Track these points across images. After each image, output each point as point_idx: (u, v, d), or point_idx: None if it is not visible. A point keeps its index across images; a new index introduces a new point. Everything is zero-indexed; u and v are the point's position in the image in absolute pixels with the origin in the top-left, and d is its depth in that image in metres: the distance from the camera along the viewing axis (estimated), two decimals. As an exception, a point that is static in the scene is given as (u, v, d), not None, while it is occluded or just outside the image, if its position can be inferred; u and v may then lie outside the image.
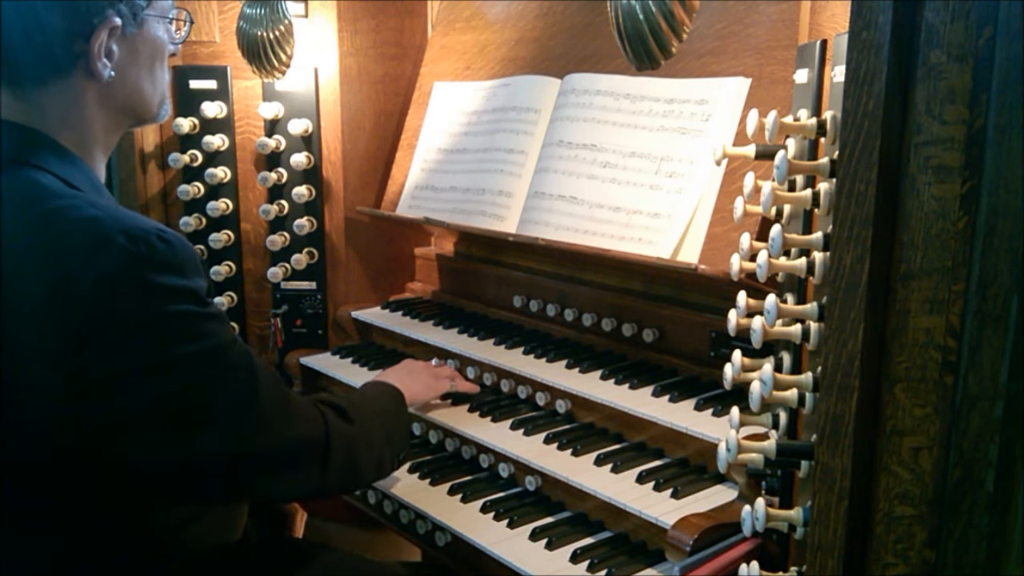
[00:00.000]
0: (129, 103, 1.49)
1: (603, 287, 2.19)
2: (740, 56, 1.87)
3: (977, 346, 0.92)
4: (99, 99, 1.44)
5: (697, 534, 1.52)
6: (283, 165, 2.60)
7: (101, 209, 1.31)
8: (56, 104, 1.40)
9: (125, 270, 1.25)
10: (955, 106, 0.91)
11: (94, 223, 1.27)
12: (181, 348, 1.30)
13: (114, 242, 1.25)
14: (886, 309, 0.97)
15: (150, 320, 1.28)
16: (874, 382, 0.98)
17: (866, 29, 0.94)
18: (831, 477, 1.02)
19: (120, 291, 1.25)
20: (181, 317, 1.30)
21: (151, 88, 1.52)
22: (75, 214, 1.29)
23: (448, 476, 2.00)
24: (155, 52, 1.52)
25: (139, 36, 1.47)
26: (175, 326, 1.30)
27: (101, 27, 1.38)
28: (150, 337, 1.28)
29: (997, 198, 0.89)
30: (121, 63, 1.44)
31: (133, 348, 1.27)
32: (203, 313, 1.33)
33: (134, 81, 1.48)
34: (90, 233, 1.26)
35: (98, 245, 1.25)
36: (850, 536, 1.01)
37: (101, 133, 1.47)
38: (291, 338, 2.67)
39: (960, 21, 0.89)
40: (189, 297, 1.31)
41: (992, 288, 0.90)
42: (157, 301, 1.28)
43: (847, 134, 0.97)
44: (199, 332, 1.32)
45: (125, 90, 1.47)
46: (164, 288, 1.28)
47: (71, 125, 1.42)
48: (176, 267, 1.29)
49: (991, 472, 0.92)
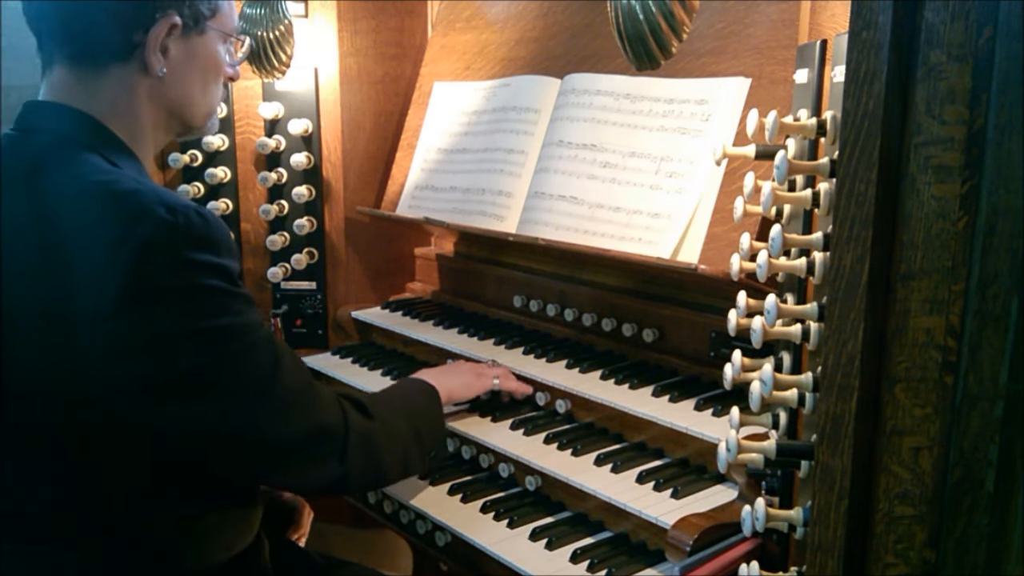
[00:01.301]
0: (178, 106, 1.54)
1: (603, 287, 2.19)
2: (740, 56, 1.87)
3: (977, 346, 0.92)
4: (150, 94, 1.49)
5: (697, 534, 1.52)
6: (283, 165, 2.60)
7: (142, 184, 1.36)
8: (109, 91, 1.45)
9: (164, 240, 1.29)
10: (955, 106, 0.91)
11: (136, 195, 1.32)
12: (209, 321, 1.33)
13: (155, 213, 1.29)
14: (886, 309, 0.97)
15: (183, 290, 1.31)
16: (874, 382, 0.98)
17: (866, 29, 0.94)
18: (831, 477, 1.02)
19: (157, 259, 1.29)
20: (212, 291, 1.33)
21: (201, 97, 1.57)
22: (118, 187, 1.34)
23: (448, 476, 2.00)
24: (211, 65, 1.56)
25: (198, 43, 1.52)
26: (205, 299, 1.33)
27: (162, 22, 1.44)
28: (181, 306, 1.31)
29: (997, 198, 0.89)
30: (175, 64, 1.49)
31: (164, 315, 1.30)
32: (233, 291, 1.36)
33: (185, 85, 1.53)
34: (132, 203, 1.31)
35: (140, 215, 1.29)
36: (850, 536, 1.01)
37: (150, 129, 1.52)
38: (291, 338, 2.67)
39: (960, 21, 0.89)
40: (221, 274, 1.35)
41: (992, 288, 0.90)
42: (191, 272, 1.31)
43: (847, 134, 0.97)
44: (227, 308, 1.35)
45: (175, 92, 1.52)
46: (198, 262, 1.32)
47: (121, 114, 1.46)
48: (212, 244, 1.33)
49: (991, 472, 0.92)
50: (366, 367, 2.43)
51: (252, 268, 2.67)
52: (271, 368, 1.41)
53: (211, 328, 1.33)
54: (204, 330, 1.33)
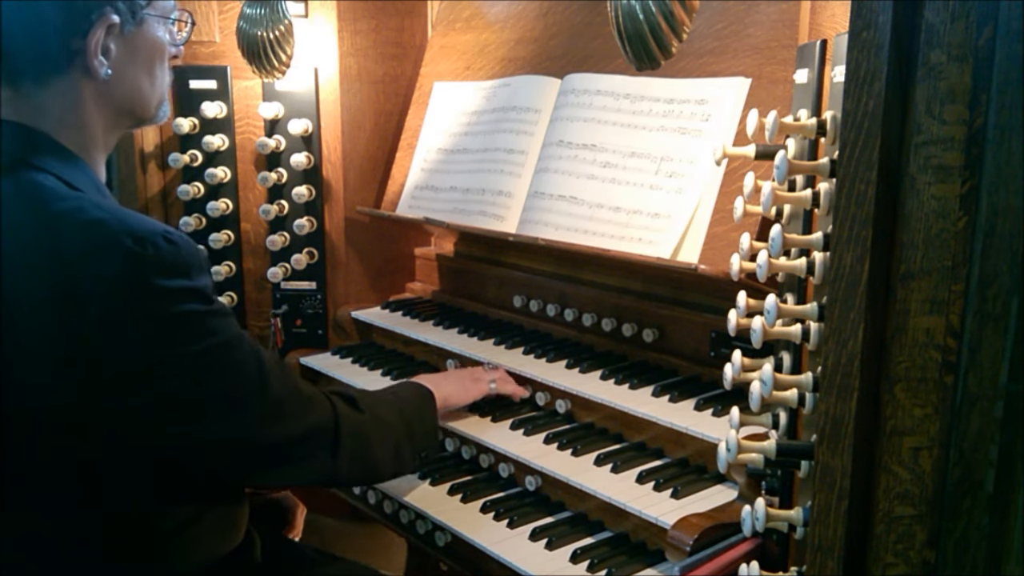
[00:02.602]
0: (127, 103, 1.49)
1: (603, 287, 2.19)
2: (740, 56, 1.87)
3: (977, 346, 0.92)
4: (97, 98, 1.44)
5: (697, 534, 1.52)
6: (283, 165, 2.59)
7: (106, 211, 1.32)
8: (55, 103, 1.41)
9: (133, 273, 1.26)
10: (955, 106, 0.91)
11: (100, 225, 1.28)
12: (188, 347, 1.32)
13: (121, 245, 1.26)
14: (886, 309, 0.97)
15: (157, 322, 1.29)
16: (874, 382, 0.98)
17: (866, 29, 0.94)
18: (831, 477, 1.02)
19: (127, 294, 1.27)
20: (187, 317, 1.32)
21: (150, 88, 1.52)
22: (81, 216, 1.30)
23: (448, 476, 2.00)
24: (154, 52, 1.51)
25: (138, 35, 1.47)
26: (182, 326, 1.32)
27: (98, 24, 1.39)
28: (158, 338, 1.30)
29: (997, 198, 0.89)
30: (119, 62, 1.44)
31: (141, 349, 1.29)
32: (208, 311, 1.35)
33: (132, 80, 1.48)
34: (96, 236, 1.27)
35: (105, 248, 1.26)
36: (850, 536, 1.01)
37: (100, 133, 1.48)
38: (291, 338, 2.67)
39: (960, 21, 0.89)
40: (194, 297, 1.33)
41: (992, 288, 0.90)
42: (164, 303, 1.29)
43: (847, 134, 0.97)
44: (206, 330, 1.34)
45: (123, 89, 1.47)
46: (170, 290, 1.29)
47: (70, 124, 1.42)
48: (182, 268, 1.31)
49: (991, 472, 0.92)
50: (366, 367, 2.43)
51: (252, 268, 2.67)
52: (258, 378, 1.42)
53: (193, 353, 1.33)
54: (186, 357, 1.32)
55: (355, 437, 1.60)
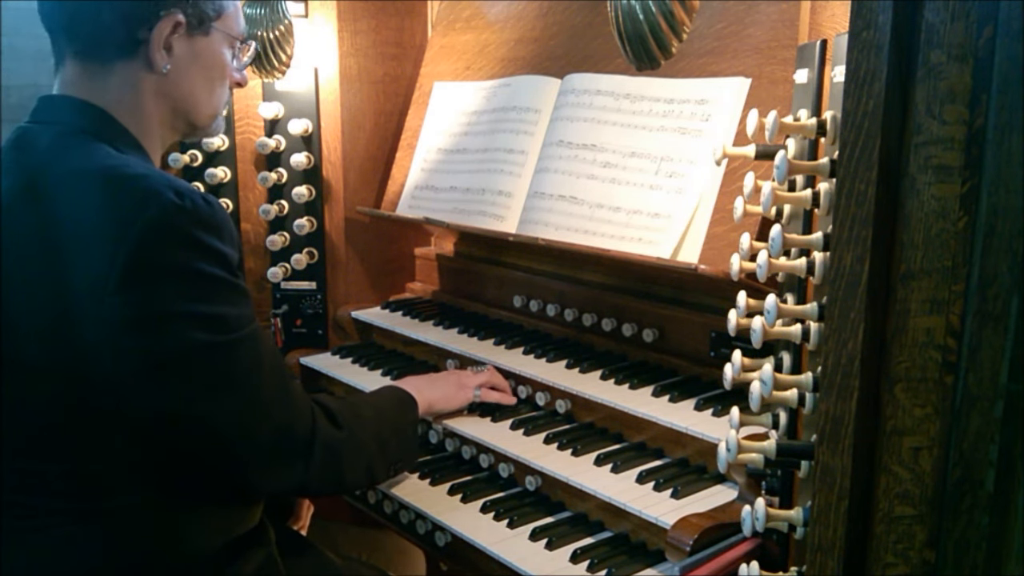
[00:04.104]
0: (183, 105, 1.58)
1: (603, 287, 2.19)
2: (740, 56, 1.87)
3: (977, 346, 0.92)
4: (156, 92, 1.53)
5: (697, 534, 1.52)
6: (283, 165, 2.60)
7: (152, 171, 1.42)
8: (116, 86, 1.50)
9: (170, 220, 1.34)
10: (955, 106, 0.91)
11: (145, 179, 1.37)
12: (203, 306, 1.36)
13: (163, 195, 1.34)
14: (886, 309, 0.97)
15: (183, 271, 1.35)
16: (874, 382, 0.98)
17: (866, 29, 0.94)
18: (831, 477, 1.02)
19: (162, 238, 1.33)
20: (211, 278, 1.37)
21: (207, 98, 1.61)
22: (128, 170, 1.39)
23: (448, 476, 2.00)
24: (216, 65, 1.61)
25: (203, 43, 1.57)
26: (203, 283, 1.37)
27: (165, 20, 1.49)
28: (179, 287, 1.35)
29: (997, 198, 0.89)
30: (180, 62, 1.54)
31: (162, 293, 1.34)
32: (231, 282, 1.40)
33: (190, 84, 1.57)
34: (142, 185, 1.35)
35: (148, 196, 1.34)
36: (850, 536, 1.01)
37: (156, 125, 1.56)
38: (291, 338, 2.67)
39: (960, 21, 0.89)
40: (221, 262, 1.39)
41: (992, 288, 0.90)
42: (193, 254, 1.35)
43: (847, 134, 0.97)
44: (223, 297, 1.39)
45: (180, 90, 1.56)
46: (203, 245, 1.36)
47: (128, 108, 1.51)
48: (216, 228, 1.38)
49: (991, 472, 0.92)
50: (366, 367, 2.43)
51: (252, 268, 2.67)
52: (253, 365, 1.44)
53: (203, 314, 1.36)
54: (196, 314, 1.36)
55: (330, 454, 1.60)
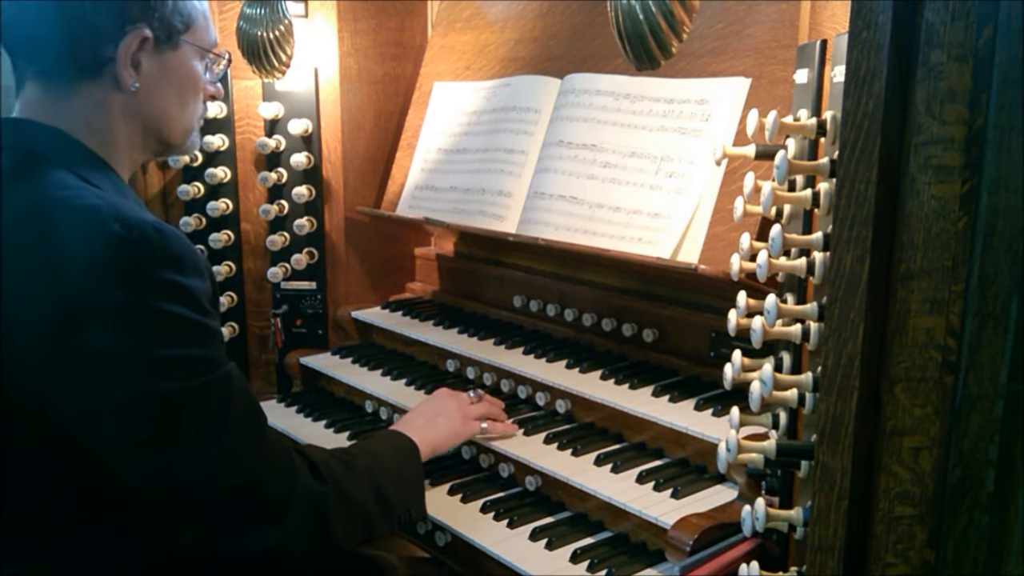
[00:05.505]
0: (154, 123, 1.50)
1: (603, 287, 2.19)
2: (740, 56, 1.87)
3: (977, 346, 0.92)
4: (124, 111, 1.46)
5: (697, 534, 1.52)
6: (283, 165, 2.60)
7: (103, 200, 1.31)
8: (81, 107, 1.42)
9: (117, 254, 1.25)
10: (955, 106, 0.91)
11: (92, 211, 1.28)
12: (156, 348, 1.26)
13: (108, 227, 1.25)
14: (886, 309, 0.97)
15: (135, 309, 1.25)
16: (874, 382, 0.98)
17: (866, 29, 0.94)
18: (831, 477, 1.02)
19: (109, 275, 1.24)
20: (166, 316, 1.26)
21: (178, 113, 1.53)
22: (76, 202, 1.29)
23: (448, 476, 2.00)
24: (188, 79, 1.52)
25: (172, 58, 1.48)
26: (157, 322, 1.26)
27: (131, 35, 1.40)
28: (126, 328, 1.25)
29: (997, 198, 0.89)
30: (149, 79, 1.45)
31: (104, 335, 1.24)
32: (191, 320, 1.29)
33: (161, 101, 1.49)
34: (86, 219, 1.27)
35: (92, 231, 1.25)
36: (850, 536, 1.01)
37: (125, 146, 1.48)
38: (291, 338, 2.67)
39: (960, 21, 0.89)
40: (182, 296, 1.28)
41: (992, 288, 0.90)
42: (146, 291, 1.26)
43: (847, 134, 0.97)
44: (182, 337, 1.28)
45: (150, 108, 1.48)
46: (153, 280, 1.26)
47: (94, 130, 1.43)
48: (171, 260, 1.27)
49: (991, 472, 0.92)
50: (366, 367, 2.43)
51: (252, 268, 2.67)
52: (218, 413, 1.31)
53: (157, 357, 1.25)
54: (148, 358, 1.25)
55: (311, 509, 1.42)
